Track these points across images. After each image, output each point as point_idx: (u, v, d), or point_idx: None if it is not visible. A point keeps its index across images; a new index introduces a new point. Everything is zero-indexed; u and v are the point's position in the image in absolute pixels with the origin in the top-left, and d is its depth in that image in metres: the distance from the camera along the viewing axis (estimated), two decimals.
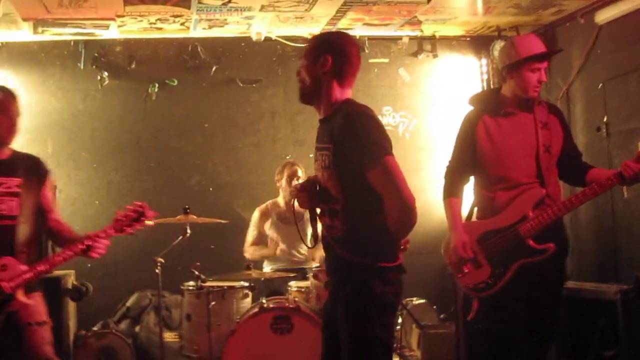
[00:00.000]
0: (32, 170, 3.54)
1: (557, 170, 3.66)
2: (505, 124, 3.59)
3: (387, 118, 6.99)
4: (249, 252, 5.72)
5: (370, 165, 2.72)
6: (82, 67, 6.60)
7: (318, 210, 2.97)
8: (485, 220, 3.63)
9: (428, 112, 7.07)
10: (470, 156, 3.65)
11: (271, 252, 5.66)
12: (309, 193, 2.93)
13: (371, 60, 7.01)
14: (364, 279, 2.74)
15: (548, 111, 3.64)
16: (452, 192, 3.74)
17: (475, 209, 3.81)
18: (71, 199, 6.44)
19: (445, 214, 3.72)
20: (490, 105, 3.67)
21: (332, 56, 2.90)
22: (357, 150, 2.73)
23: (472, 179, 3.82)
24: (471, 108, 3.80)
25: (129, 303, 6.18)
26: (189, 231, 5.00)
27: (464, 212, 3.84)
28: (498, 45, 6.68)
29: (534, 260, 3.41)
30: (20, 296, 3.30)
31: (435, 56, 7.10)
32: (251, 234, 5.78)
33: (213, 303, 4.68)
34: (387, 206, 2.75)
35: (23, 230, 3.40)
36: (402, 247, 2.94)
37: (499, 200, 3.55)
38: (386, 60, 7.06)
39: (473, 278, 3.57)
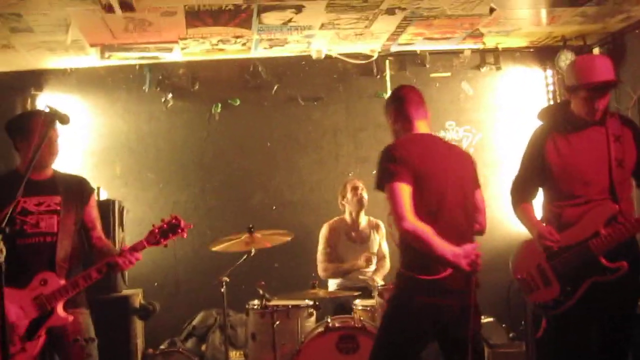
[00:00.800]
0: (73, 189, 3.66)
1: (633, 184, 3.53)
2: (575, 139, 3.50)
3: (451, 133, 6.89)
4: (327, 270, 5.62)
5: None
6: (147, 90, 6.76)
7: None
8: None
9: (492, 126, 6.93)
10: (537, 172, 3.59)
11: (349, 266, 5.56)
12: None
13: (433, 75, 6.94)
14: None
15: (621, 124, 3.51)
16: (521, 200, 3.71)
17: (544, 224, 3.68)
18: (138, 219, 6.55)
19: (521, 221, 3.67)
20: (559, 120, 3.59)
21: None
22: None
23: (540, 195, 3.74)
24: (540, 123, 3.72)
25: (195, 322, 6.24)
26: (253, 250, 5.00)
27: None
28: (564, 56, 6.52)
29: (606, 279, 3.29)
30: (61, 312, 3.40)
31: (498, 68, 6.97)
32: (323, 252, 5.68)
33: (278, 322, 4.67)
34: None
35: (62, 247, 3.50)
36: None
37: (566, 217, 3.47)
38: (448, 74, 6.97)
39: (542, 296, 3.50)
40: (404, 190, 3.04)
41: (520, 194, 3.72)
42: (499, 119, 6.94)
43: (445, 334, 3.22)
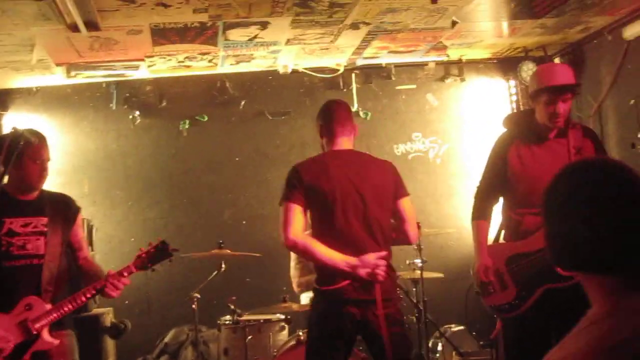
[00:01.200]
0: (60, 209, 3.55)
1: None
2: (538, 149, 3.60)
3: (417, 144, 6.99)
4: (301, 285, 5.56)
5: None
6: (114, 107, 6.74)
7: None
8: (514, 243, 3.63)
9: (458, 136, 7.04)
10: (500, 178, 3.67)
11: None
12: None
13: (398, 87, 7.04)
14: None
15: (583, 135, 3.62)
16: (480, 214, 3.78)
17: (503, 230, 3.83)
18: (108, 237, 6.53)
19: (472, 236, 3.77)
20: (523, 129, 3.68)
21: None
22: None
23: (501, 200, 3.84)
24: (504, 130, 3.80)
25: (167, 339, 6.21)
26: (223, 266, 5.03)
27: (492, 232, 3.86)
28: (526, 67, 6.67)
29: (560, 286, 3.35)
30: (46, 336, 3.30)
31: (462, 80, 7.10)
32: (294, 268, 5.68)
33: (250, 337, 4.69)
34: None
35: (49, 269, 3.41)
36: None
37: (526, 224, 3.55)
38: (413, 86, 7.07)
39: (498, 299, 3.59)
40: (294, 210, 3.30)
41: (483, 202, 3.79)
42: (464, 129, 7.06)
43: (366, 346, 3.46)
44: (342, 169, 3.42)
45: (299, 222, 3.32)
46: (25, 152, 3.36)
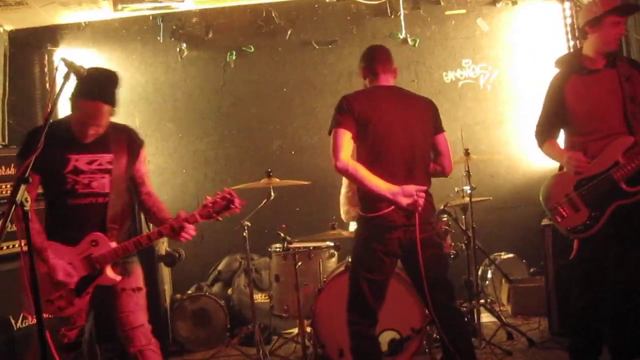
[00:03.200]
0: (124, 143, 3.50)
1: None
2: (591, 81, 3.78)
3: (467, 71, 6.84)
4: (348, 213, 5.59)
5: None
6: (161, 40, 6.78)
7: None
8: None
9: (509, 62, 6.85)
10: (558, 115, 3.87)
11: None
12: None
13: (448, 12, 6.85)
14: None
15: (629, 66, 3.80)
16: (545, 137, 3.98)
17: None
18: (160, 169, 6.66)
19: (549, 155, 3.96)
20: (575, 65, 3.86)
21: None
22: None
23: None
24: (557, 70, 3.97)
25: (220, 267, 6.39)
26: (272, 194, 5.08)
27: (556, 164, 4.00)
28: None
29: (629, 202, 3.63)
30: (110, 272, 3.38)
31: (514, 3, 6.85)
32: (345, 196, 5.67)
33: (300, 264, 4.77)
34: None
35: (114, 207, 3.41)
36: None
37: (591, 150, 3.75)
38: (463, 11, 6.87)
39: (572, 221, 3.78)
40: (344, 135, 3.45)
41: (544, 135, 3.99)
42: (515, 55, 6.86)
43: (405, 266, 3.70)
44: (389, 102, 3.60)
45: (349, 147, 3.46)
46: (74, 109, 3.33)
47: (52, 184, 3.38)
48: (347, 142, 3.45)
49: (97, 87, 3.29)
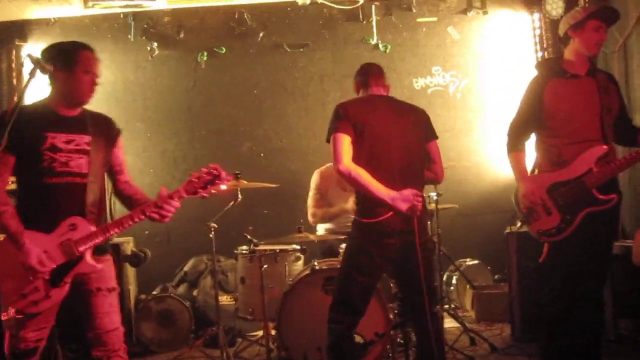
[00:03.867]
0: (102, 128, 3.37)
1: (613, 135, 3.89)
2: (572, 85, 3.83)
3: (437, 78, 6.91)
4: (315, 216, 5.63)
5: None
6: (132, 39, 6.74)
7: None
8: (552, 172, 3.83)
9: (479, 70, 6.94)
10: (535, 115, 3.87)
11: (337, 210, 5.54)
12: None
13: (419, 20, 6.92)
14: None
15: (607, 79, 3.92)
16: (516, 146, 3.96)
17: (539, 165, 4.00)
18: (128, 168, 6.60)
19: (512, 167, 3.96)
20: (556, 69, 3.90)
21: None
22: None
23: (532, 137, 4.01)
24: (537, 73, 4.00)
25: (186, 268, 6.36)
26: (240, 196, 5.07)
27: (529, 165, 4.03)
28: (551, 0, 6.49)
29: (598, 209, 3.69)
30: (89, 259, 3.17)
31: (485, 13, 6.95)
32: (313, 198, 5.69)
33: (265, 266, 4.77)
34: None
35: (92, 190, 3.24)
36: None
37: (565, 154, 3.77)
38: (435, 19, 6.95)
39: (544, 224, 3.81)
40: (344, 140, 3.48)
41: (517, 137, 3.98)
42: (485, 63, 6.95)
43: (396, 270, 3.73)
44: (384, 108, 3.68)
45: (349, 151, 3.50)
46: (79, 61, 3.23)
47: (28, 163, 3.18)
48: (347, 146, 3.49)
49: (82, 43, 3.32)
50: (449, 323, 5.50)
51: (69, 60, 3.23)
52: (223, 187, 3.34)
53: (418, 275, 3.49)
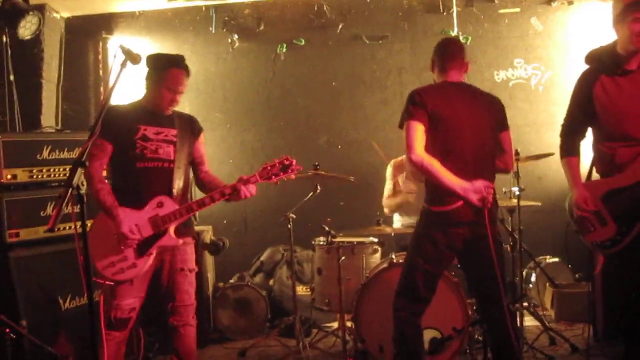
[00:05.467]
0: (187, 125, 3.88)
1: None
2: (624, 82, 3.57)
3: (519, 70, 6.75)
4: (387, 205, 5.62)
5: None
6: (213, 31, 6.85)
7: None
8: (608, 178, 3.63)
9: (562, 63, 6.73)
10: (586, 115, 3.68)
11: (404, 199, 5.52)
12: None
13: (501, 11, 6.76)
14: None
15: None
16: (568, 150, 3.82)
17: (595, 164, 3.81)
18: (208, 158, 6.70)
19: (565, 173, 3.81)
20: (606, 63, 3.63)
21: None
22: None
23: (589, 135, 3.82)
24: (587, 67, 3.78)
25: (263, 257, 6.44)
26: (319, 188, 5.10)
27: (585, 167, 3.85)
28: None
29: None
30: (172, 233, 3.64)
31: (570, 3, 6.72)
32: (387, 188, 5.69)
33: (343, 258, 4.78)
34: None
35: (178, 174, 3.72)
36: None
37: (620, 157, 3.55)
38: (517, 10, 6.77)
39: (599, 235, 3.61)
40: (418, 128, 3.46)
41: (570, 139, 3.83)
42: (569, 56, 6.73)
43: (464, 260, 3.72)
44: (459, 98, 3.61)
45: (422, 140, 3.46)
46: (166, 79, 3.68)
47: (123, 150, 3.65)
48: (420, 135, 3.46)
49: (182, 59, 3.80)
50: (529, 321, 5.38)
51: (158, 75, 3.72)
52: (292, 176, 3.73)
53: (491, 268, 3.46)
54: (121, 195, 3.62)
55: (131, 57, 3.03)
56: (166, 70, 3.70)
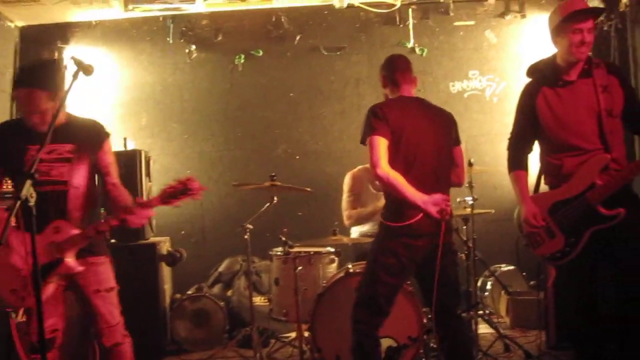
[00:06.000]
0: (86, 135, 3.55)
1: (626, 129, 3.61)
2: (565, 93, 3.59)
3: (474, 82, 6.87)
4: (350, 218, 5.56)
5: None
6: (171, 41, 6.83)
7: None
8: (554, 190, 3.65)
9: (516, 74, 6.86)
10: (531, 128, 3.70)
11: (372, 210, 5.48)
12: None
13: (456, 23, 6.89)
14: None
15: (607, 72, 3.58)
16: (516, 164, 3.82)
17: (543, 175, 3.82)
18: (165, 169, 6.69)
19: (513, 188, 3.80)
20: (547, 75, 3.67)
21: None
22: None
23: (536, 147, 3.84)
24: (529, 80, 3.82)
25: (221, 268, 6.42)
26: (275, 199, 5.11)
27: (532, 177, 3.87)
28: (590, 3, 6.39)
29: (605, 227, 3.44)
30: (70, 260, 3.38)
31: (523, 16, 6.88)
32: (346, 201, 5.69)
33: (300, 268, 4.79)
34: None
35: (75, 195, 3.45)
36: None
37: (567, 167, 3.57)
38: (472, 23, 6.91)
39: (548, 248, 3.63)
40: (381, 143, 3.53)
41: (517, 153, 3.83)
42: (523, 67, 6.75)
43: (421, 271, 3.73)
44: (418, 112, 3.71)
45: (386, 155, 3.54)
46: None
47: (14, 174, 3.47)
48: (384, 149, 3.53)
49: (27, 74, 3.45)
50: (483, 329, 5.45)
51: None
52: (197, 197, 3.45)
53: (447, 277, 3.57)
54: (23, 220, 3.23)
55: (83, 69, 2.94)
56: (14, 92, 3.46)
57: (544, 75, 3.70)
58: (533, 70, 3.85)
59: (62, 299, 3.50)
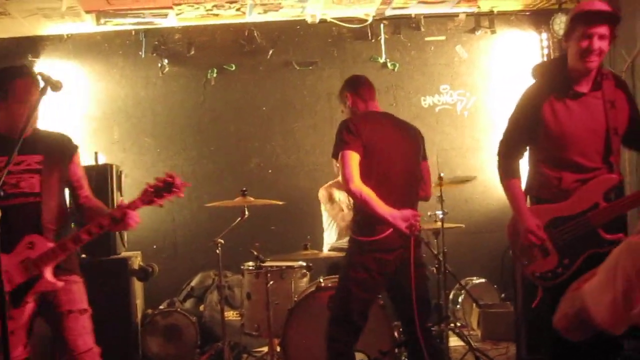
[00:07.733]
0: (55, 147, 3.40)
1: (627, 146, 3.47)
2: (574, 105, 3.33)
3: (445, 96, 6.95)
4: (345, 224, 5.53)
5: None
6: (143, 56, 6.81)
7: None
8: (553, 205, 3.39)
9: (486, 89, 6.98)
10: (530, 134, 3.43)
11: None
12: None
13: (427, 39, 6.97)
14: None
15: (615, 85, 3.35)
16: (509, 172, 3.51)
17: (537, 186, 3.56)
18: (137, 183, 6.62)
19: (507, 197, 3.52)
20: (557, 82, 3.39)
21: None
22: None
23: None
24: (534, 81, 3.53)
25: (193, 283, 6.39)
26: (247, 213, 5.11)
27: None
28: (559, 19, 6.52)
29: (603, 251, 3.14)
30: (49, 276, 3.18)
31: (493, 32, 6.99)
32: (330, 211, 5.71)
33: (271, 282, 4.78)
34: None
35: (48, 207, 3.27)
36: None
37: (566, 183, 3.34)
38: (443, 38, 7.00)
39: (540, 266, 3.37)
40: (353, 157, 3.55)
41: (511, 159, 3.53)
42: (493, 82, 6.99)
43: (392, 285, 3.78)
44: (389, 127, 3.76)
45: (358, 170, 3.55)
46: (9, 91, 3.24)
47: None
48: (356, 164, 3.56)
49: (22, 69, 3.38)
50: (455, 342, 5.49)
51: (3, 92, 3.24)
52: (180, 194, 3.28)
53: (410, 291, 3.57)
54: None
55: (51, 84, 2.87)
56: (8, 83, 3.24)
57: (553, 82, 3.40)
58: (540, 73, 3.55)
59: (27, 327, 3.23)
